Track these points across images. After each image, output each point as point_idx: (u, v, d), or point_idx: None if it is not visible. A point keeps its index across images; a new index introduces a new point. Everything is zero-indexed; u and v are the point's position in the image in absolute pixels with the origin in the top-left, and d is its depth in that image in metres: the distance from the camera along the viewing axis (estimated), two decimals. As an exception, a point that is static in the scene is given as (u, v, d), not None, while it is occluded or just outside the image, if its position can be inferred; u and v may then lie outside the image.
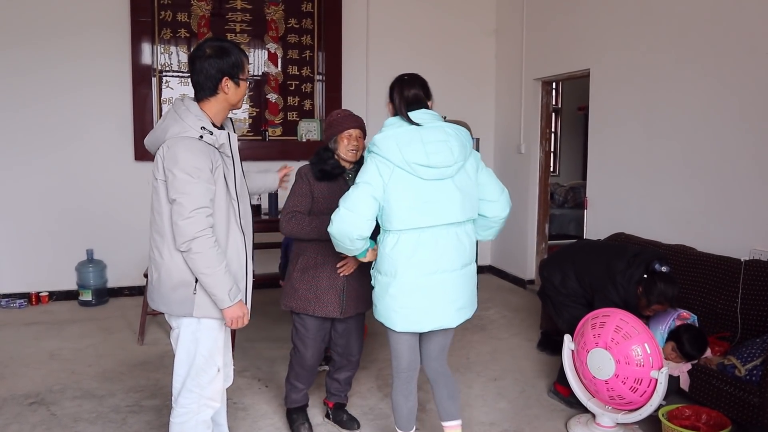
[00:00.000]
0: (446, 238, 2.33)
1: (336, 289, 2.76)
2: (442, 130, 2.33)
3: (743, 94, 3.62)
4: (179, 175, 2.04)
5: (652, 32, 4.31)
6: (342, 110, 2.87)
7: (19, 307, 5.14)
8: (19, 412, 3.19)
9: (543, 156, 5.81)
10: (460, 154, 2.31)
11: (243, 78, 2.20)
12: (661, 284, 2.96)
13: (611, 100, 4.75)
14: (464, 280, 2.42)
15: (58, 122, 5.23)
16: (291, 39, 5.73)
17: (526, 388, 3.57)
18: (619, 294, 3.04)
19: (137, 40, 5.31)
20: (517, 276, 6.07)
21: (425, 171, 2.25)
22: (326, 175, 2.73)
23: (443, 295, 2.36)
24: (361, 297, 2.80)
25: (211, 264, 2.07)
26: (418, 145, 2.25)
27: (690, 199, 4.00)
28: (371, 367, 3.82)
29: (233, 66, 2.16)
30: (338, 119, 2.78)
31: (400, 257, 2.31)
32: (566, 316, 3.31)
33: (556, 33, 5.40)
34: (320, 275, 2.77)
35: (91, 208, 5.36)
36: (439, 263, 2.32)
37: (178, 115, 2.13)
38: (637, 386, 2.75)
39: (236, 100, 2.22)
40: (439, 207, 2.29)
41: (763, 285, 3.21)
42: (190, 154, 2.05)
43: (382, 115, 2.52)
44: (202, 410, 2.28)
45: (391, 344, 2.49)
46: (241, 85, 2.20)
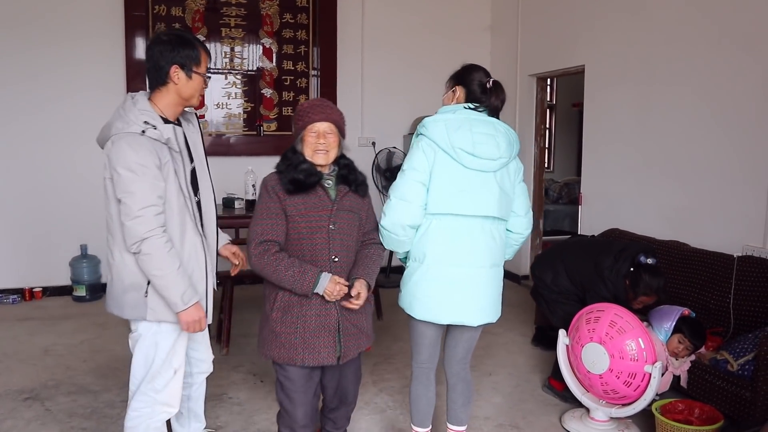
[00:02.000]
0: (480, 232, 2.30)
1: (329, 328, 2.20)
2: (492, 126, 2.32)
3: (737, 91, 3.64)
4: (123, 173, 1.96)
5: (646, 29, 4.32)
6: (311, 100, 2.32)
7: (12, 302, 5.12)
8: (13, 407, 3.18)
9: (537, 152, 5.82)
10: (506, 151, 2.31)
11: (197, 72, 2.11)
12: (646, 276, 3.00)
13: (606, 97, 4.76)
14: (490, 280, 2.37)
15: (51, 117, 5.19)
16: (286, 34, 5.72)
17: (521, 383, 3.58)
18: (609, 289, 3.07)
19: (131, 35, 5.28)
20: (511, 272, 6.08)
21: (469, 159, 2.24)
22: (300, 185, 2.14)
23: (467, 291, 2.32)
24: (362, 331, 2.31)
25: (162, 266, 1.98)
26: (466, 133, 2.24)
27: (684, 195, 4.02)
28: (367, 363, 3.82)
29: (187, 57, 2.07)
30: (302, 110, 2.21)
31: (429, 243, 2.29)
32: (560, 313, 3.34)
33: (551, 29, 5.41)
34: (307, 314, 2.18)
35: (84, 203, 5.33)
36: (468, 257, 2.29)
37: (123, 110, 2.06)
38: (631, 381, 2.77)
39: (188, 94, 2.12)
40: (476, 198, 2.27)
41: (755, 281, 3.24)
42: (132, 150, 1.96)
43: (378, 110, 2.52)
44: (156, 415, 2.22)
45: (412, 335, 2.46)
46: (194, 78, 2.10)
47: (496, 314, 2.45)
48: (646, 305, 3.13)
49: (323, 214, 2.19)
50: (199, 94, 2.16)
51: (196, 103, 2.20)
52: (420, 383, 2.49)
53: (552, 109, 9.06)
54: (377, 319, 4.55)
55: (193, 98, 2.15)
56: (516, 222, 2.44)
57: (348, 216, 2.24)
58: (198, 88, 2.14)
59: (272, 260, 2.11)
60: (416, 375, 2.49)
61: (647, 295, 3.03)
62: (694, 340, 3.01)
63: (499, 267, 2.43)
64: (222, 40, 5.53)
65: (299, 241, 2.17)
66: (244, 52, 5.63)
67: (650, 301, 3.09)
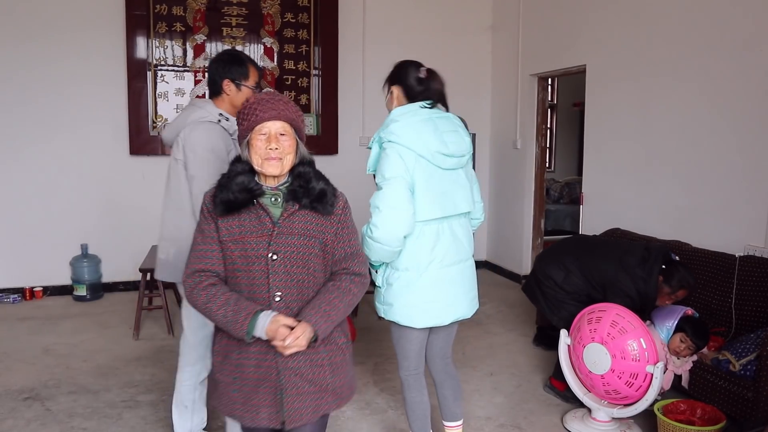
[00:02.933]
0: (459, 228, 2.37)
1: (269, 383, 1.72)
2: (450, 120, 2.35)
3: (739, 90, 3.63)
4: (200, 153, 2.32)
5: (648, 28, 4.31)
6: (260, 93, 1.88)
7: (13, 302, 5.12)
8: (13, 407, 3.18)
9: (539, 152, 5.81)
10: (469, 144, 2.38)
11: (246, 84, 2.45)
12: (682, 269, 3.04)
13: (607, 96, 4.75)
14: (472, 270, 2.47)
15: (52, 116, 5.19)
16: (287, 33, 5.71)
17: (522, 383, 3.58)
18: (638, 286, 3.05)
19: (132, 34, 5.27)
20: (512, 271, 6.08)
21: (444, 160, 2.25)
22: (231, 206, 1.71)
23: (461, 286, 2.39)
24: (323, 389, 1.77)
25: None
26: (434, 133, 2.24)
27: (685, 194, 4.01)
28: (368, 362, 3.82)
29: (237, 72, 2.44)
30: (248, 108, 1.74)
31: (421, 250, 2.27)
32: (564, 314, 3.30)
33: (552, 29, 5.40)
34: (245, 362, 1.73)
35: (85, 203, 5.33)
36: (456, 255, 2.35)
37: (198, 105, 2.46)
38: (633, 381, 2.76)
39: (238, 103, 2.41)
40: (455, 197, 2.31)
41: (757, 281, 3.23)
42: (208, 135, 2.34)
43: (379, 110, 2.51)
44: (203, 372, 2.53)
45: (401, 344, 2.42)
46: (243, 90, 2.45)
47: (474, 306, 2.52)
48: (678, 300, 3.13)
49: (261, 240, 1.70)
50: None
51: None
52: (413, 390, 2.47)
53: (553, 108, 9.06)
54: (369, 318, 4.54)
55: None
56: (477, 208, 2.50)
57: (297, 242, 1.71)
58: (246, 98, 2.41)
59: (202, 295, 1.71)
60: (408, 383, 2.47)
61: (684, 288, 3.06)
62: (696, 340, 3.00)
63: (472, 260, 2.49)
64: (223, 39, 5.53)
65: (234, 273, 1.73)
66: (245, 52, 5.60)
67: (685, 295, 3.12)
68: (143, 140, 5.37)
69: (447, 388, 2.56)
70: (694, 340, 3.00)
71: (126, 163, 5.38)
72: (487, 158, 6.42)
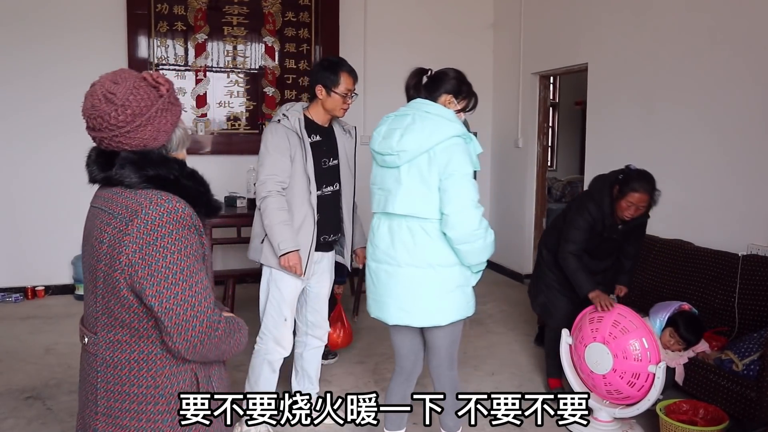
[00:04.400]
0: (398, 230, 2.26)
1: None
2: (404, 119, 2.25)
3: (741, 88, 3.61)
4: (262, 149, 2.72)
5: (649, 26, 4.29)
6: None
7: (14, 301, 5.12)
8: (15, 406, 3.17)
9: (540, 150, 5.80)
10: (410, 144, 2.17)
11: (335, 91, 2.69)
12: (635, 173, 2.99)
13: (609, 95, 4.74)
14: (412, 280, 2.25)
15: (54, 117, 5.18)
16: (288, 32, 5.70)
17: (524, 383, 3.57)
18: (591, 212, 3.03)
19: (133, 33, 5.26)
20: (514, 270, 6.07)
21: (378, 157, 2.32)
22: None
23: (386, 288, 2.32)
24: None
25: (271, 219, 2.63)
26: (382, 131, 2.30)
27: (688, 193, 3.99)
28: (368, 362, 3.81)
29: (327, 79, 2.69)
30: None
31: (369, 243, 2.40)
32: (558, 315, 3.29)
33: (554, 27, 5.38)
34: None
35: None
36: (387, 253, 2.29)
37: (285, 106, 2.79)
38: (635, 381, 2.75)
39: (330, 107, 2.74)
40: (388, 195, 2.27)
41: (760, 280, 3.21)
42: (269, 134, 2.70)
43: (380, 109, 2.50)
44: (272, 352, 2.82)
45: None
46: (333, 96, 2.70)
47: (427, 319, 2.29)
48: (638, 208, 2.95)
49: None
50: (341, 108, 2.74)
51: (340, 114, 2.78)
52: (393, 381, 2.53)
53: (555, 107, 9.03)
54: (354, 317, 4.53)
55: (334, 111, 2.76)
56: (444, 222, 2.18)
57: None
58: (337, 103, 2.73)
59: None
60: (392, 377, 2.55)
61: (636, 191, 2.90)
62: (685, 335, 2.97)
63: (427, 269, 2.23)
64: (224, 38, 5.52)
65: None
66: (247, 51, 5.62)
67: (642, 203, 2.93)
68: (144, 139, 5.36)
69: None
70: (683, 336, 2.98)
71: (127, 162, 5.37)
72: (488, 157, 6.40)
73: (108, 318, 1.33)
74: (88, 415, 1.38)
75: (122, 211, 1.30)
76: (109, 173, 1.34)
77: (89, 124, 1.32)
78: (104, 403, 1.35)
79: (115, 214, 1.30)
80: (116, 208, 1.31)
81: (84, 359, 1.43)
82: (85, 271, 1.40)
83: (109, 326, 1.34)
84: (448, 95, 2.28)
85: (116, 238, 1.28)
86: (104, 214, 1.34)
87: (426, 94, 2.29)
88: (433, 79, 2.31)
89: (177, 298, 1.27)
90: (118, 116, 1.29)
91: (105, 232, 1.31)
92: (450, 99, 2.29)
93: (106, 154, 1.35)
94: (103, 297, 1.33)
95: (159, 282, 1.26)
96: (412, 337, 2.45)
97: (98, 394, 1.35)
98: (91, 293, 1.37)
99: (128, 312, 1.31)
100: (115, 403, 1.34)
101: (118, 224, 1.29)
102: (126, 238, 1.27)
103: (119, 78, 1.32)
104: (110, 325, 1.34)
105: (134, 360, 1.34)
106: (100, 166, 1.35)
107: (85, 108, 1.32)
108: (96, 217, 1.36)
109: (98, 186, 1.42)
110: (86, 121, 1.32)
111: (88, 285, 1.38)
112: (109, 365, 1.34)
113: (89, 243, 1.38)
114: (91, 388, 1.37)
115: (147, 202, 1.28)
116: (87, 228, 1.41)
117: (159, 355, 1.34)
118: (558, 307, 3.30)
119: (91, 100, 1.32)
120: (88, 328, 1.39)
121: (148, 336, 1.33)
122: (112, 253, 1.28)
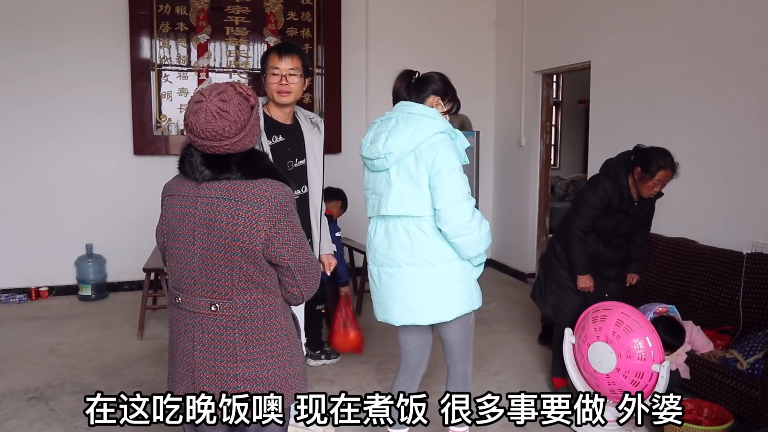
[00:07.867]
0: (393, 231, 2.32)
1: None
2: (388, 122, 2.33)
3: (746, 85, 3.59)
4: None
5: (652, 24, 4.28)
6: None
7: (18, 302, 5.13)
8: (18, 407, 3.18)
9: (543, 149, 5.78)
10: (395, 146, 2.23)
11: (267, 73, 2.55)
12: (653, 151, 2.97)
13: (612, 93, 4.72)
14: (413, 279, 2.29)
15: (57, 117, 5.20)
16: (290, 32, 5.70)
17: (527, 382, 3.55)
18: (607, 189, 3.04)
19: (136, 34, 5.27)
20: (517, 269, 6.06)
21: (368, 162, 2.37)
22: None
23: (387, 289, 2.36)
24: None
25: None
26: (369, 137, 2.38)
27: (691, 191, 3.97)
28: (371, 361, 3.81)
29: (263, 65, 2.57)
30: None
31: (368, 247, 2.44)
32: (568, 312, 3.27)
33: (557, 25, 5.37)
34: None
35: (90, 203, 5.34)
36: (387, 255, 2.34)
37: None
38: (639, 380, 2.74)
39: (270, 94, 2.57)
40: (381, 198, 2.34)
41: (765, 278, 3.20)
42: None
43: (382, 108, 2.50)
44: None
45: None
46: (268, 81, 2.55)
47: (431, 316, 2.32)
48: (664, 183, 3.01)
49: None
50: (276, 91, 2.50)
51: (280, 100, 2.53)
52: (397, 377, 2.54)
53: (558, 105, 9.01)
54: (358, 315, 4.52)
55: (274, 96, 2.53)
56: (437, 218, 2.23)
57: None
58: (272, 87, 2.51)
59: None
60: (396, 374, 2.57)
61: (663, 168, 2.94)
62: (667, 340, 2.86)
63: (425, 266, 2.27)
64: (226, 38, 5.52)
65: None
66: (249, 51, 5.62)
67: (668, 177, 2.99)
68: (147, 140, 5.37)
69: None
70: (665, 342, 2.92)
71: (130, 162, 5.39)
72: (491, 156, 6.40)
73: (245, 283, 1.66)
74: (221, 367, 1.69)
75: (251, 197, 1.61)
76: (227, 173, 1.63)
77: (202, 135, 1.60)
78: (243, 351, 1.68)
79: (244, 201, 1.61)
80: (244, 196, 1.61)
81: (207, 326, 1.69)
82: (212, 250, 1.64)
83: (245, 290, 1.67)
84: (435, 96, 2.39)
85: (252, 219, 1.60)
86: (230, 201, 1.62)
87: (415, 95, 2.37)
88: (420, 81, 2.40)
89: (304, 258, 1.69)
90: (231, 129, 1.60)
91: (238, 216, 1.61)
92: (437, 100, 2.39)
93: (217, 158, 1.63)
94: (240, 268, 1.64)
95: (291, 248, 1.66)
96: (419, 334, 2.47)
97: (237, 345, 1.68)
98: (224, 267, 1.65)
99: (265, 274, 1.67)
100: (254, 348, 1.69)
101: (251, 208, 1.61)
102: (261, 219, 1.61)
103: (225, 96, 1.61)
104: (246, 289, 1.67)
105: (266, 311, 1.70)
106: (215, 168, 1.64)
107: (199, 122, 1.59)
108: (218, 205, 1.63)
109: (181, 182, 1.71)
110: (199, 133, 1.59)
111: (218, 262, 1.65)
112: (246, 320, 1.68)
113: (213, 227, 1.63)
114: (225, 344, 1.69)
115: (270, 189, 1.63)
116: (197, 215, 1.66)
117: (279, 306, 1.73)
118: (571, 306, 3.27)
119: (205, 116, 1.59)
120: (217, 298, 1.68)
121: (274, 291, 1.71)
122: (250, 232, 1.60)
